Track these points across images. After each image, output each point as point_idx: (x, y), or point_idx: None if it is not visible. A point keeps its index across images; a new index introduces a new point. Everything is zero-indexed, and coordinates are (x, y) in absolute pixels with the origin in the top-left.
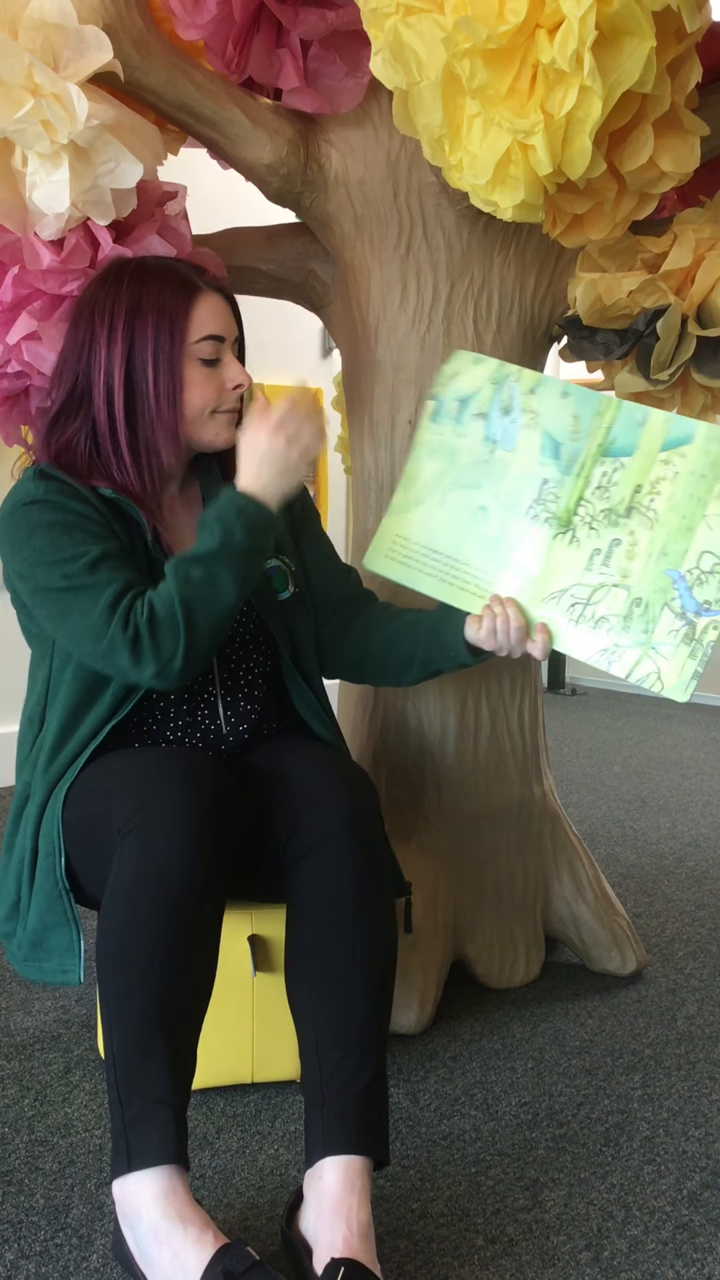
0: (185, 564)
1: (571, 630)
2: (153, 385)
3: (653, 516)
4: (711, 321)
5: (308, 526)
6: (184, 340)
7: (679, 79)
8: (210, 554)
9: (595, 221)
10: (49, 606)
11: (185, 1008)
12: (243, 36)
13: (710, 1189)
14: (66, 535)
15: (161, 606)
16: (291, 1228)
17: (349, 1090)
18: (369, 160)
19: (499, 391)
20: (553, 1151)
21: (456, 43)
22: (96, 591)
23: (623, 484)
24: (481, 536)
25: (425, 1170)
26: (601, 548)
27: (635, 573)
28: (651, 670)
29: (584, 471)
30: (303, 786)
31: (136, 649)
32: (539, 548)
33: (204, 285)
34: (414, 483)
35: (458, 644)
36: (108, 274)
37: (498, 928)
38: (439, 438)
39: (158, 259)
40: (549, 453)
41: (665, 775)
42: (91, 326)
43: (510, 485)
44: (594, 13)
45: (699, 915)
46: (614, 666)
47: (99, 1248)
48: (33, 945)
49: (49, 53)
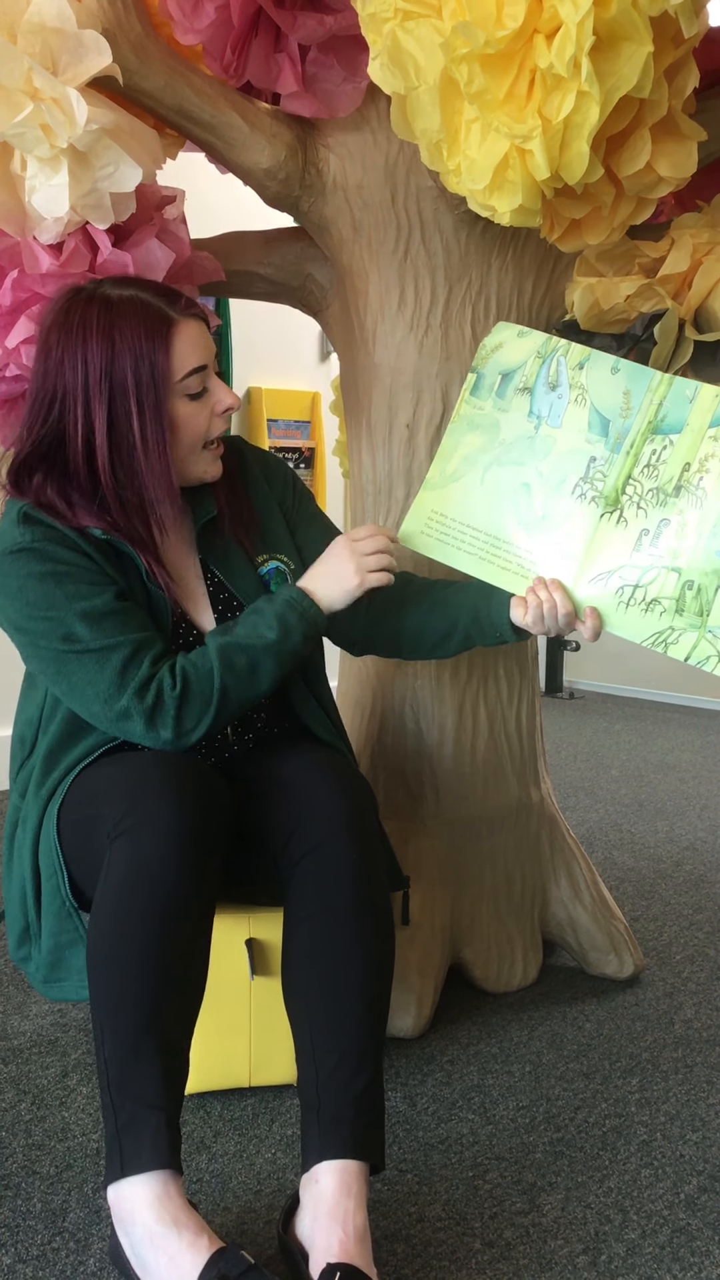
0: (232, 649)
1: (622, 613)
2: (140, 437)
3: (701, 495)
4: (709, 325)
5: (301, 512)
6: (168, 383)
7: (676, 84)
8: (263, 647)
9: (593, 226)
10: (48, 667)
11: (176, 1012)
12: (241, 41)
13: (708, 1193)
14: (59, 588)
15: (197, 683)
16: (288, 1232)
17: (345, 1094)
18: (367, 164)
19: (545, 366)
20: (550, 1155)
21: (454, 48)
22: (104, 656)
23: (671, 462)
24: (524, 515)
25: (423, 1174)
26: (650, 528)
27: (685, 554)
28: (711, 653)
29: (634, 449)
30: (299, 790)
31: (155, 717)
32: (585, 528)
33: (178, 315)
34: (451, 457)
35: (503, 625)
36: (69, 316)
37: (495, 931)
38: (479, 412)
39: (121, 289)
40: (597, 429)
41: (663, 779)
42: (62, 377)
43: (556, 462)
44: (591, 18)
45: (696, 919)
46: (671, 650)
47: (96, 1252)
48: (50, 966)
49: (48, 57)
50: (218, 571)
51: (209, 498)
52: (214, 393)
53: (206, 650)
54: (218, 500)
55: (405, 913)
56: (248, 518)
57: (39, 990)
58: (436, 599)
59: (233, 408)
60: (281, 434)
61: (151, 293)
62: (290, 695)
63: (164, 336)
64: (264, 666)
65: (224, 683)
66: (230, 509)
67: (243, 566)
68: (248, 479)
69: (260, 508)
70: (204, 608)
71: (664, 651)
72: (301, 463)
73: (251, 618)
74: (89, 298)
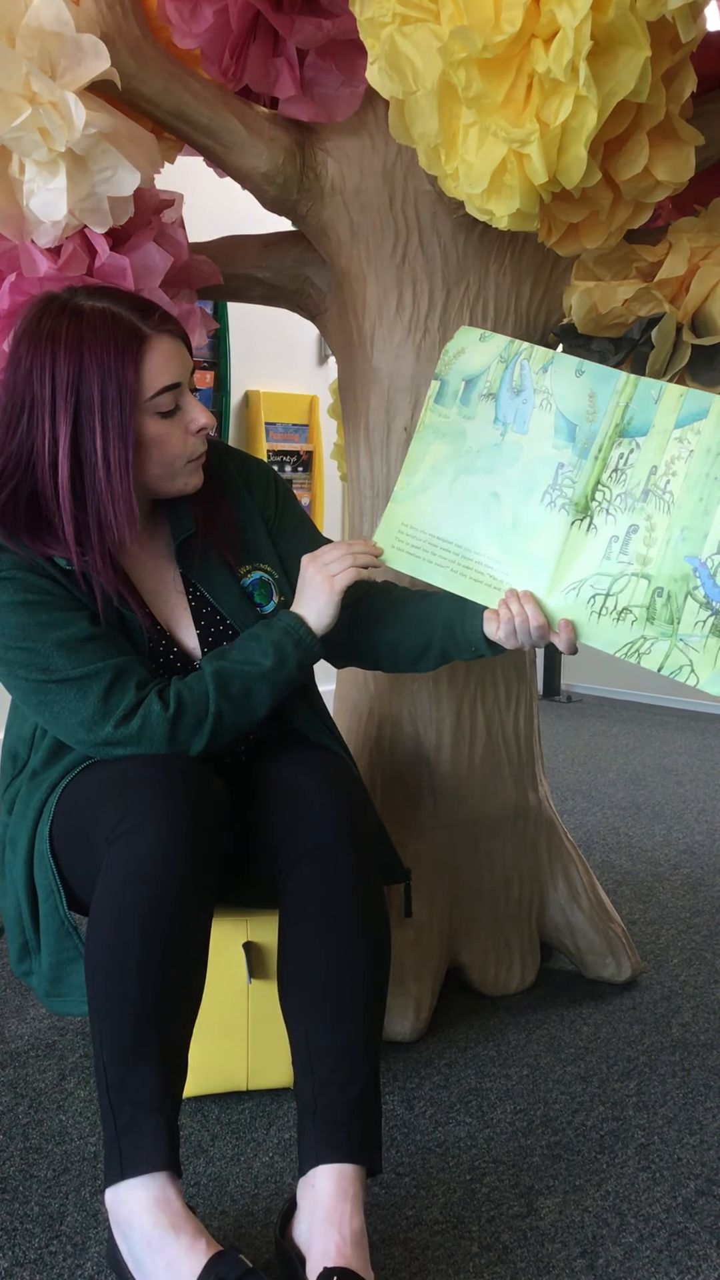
0: (227, 674)
1: (594, 624)
2: (102, 455)
3: (669, 500)
4: (706, 329)
5: (284, 522)
6: (135, 401)
7: (674, 88)
8: (259, 674)
9: (590, 230)
10: (29, 697)
11: (175, 1014)
12: (239, 45)
13: (705, 1196)
14: (33, 617)
15: (192, 706)
16: (285, 1237)
17: (341, 1098)
18: (365, 168)
19: (509, 370)
20: (548, 1159)
21: (452, 52)
22: (84, 685)
23: (639, 466)
24: (493, 524)
25: (420, 1177)
26: (619, 534)
27: (654, 560)
28: (684, 663)
29: (601, 454)
30: (293, 793)
31: (142, 742)
32: (556, 536)
33: (151, 330)
34: (418, 468)
35: (476, 640)
36: (40, 325)
37: (493, 934)
38: (444, 420)
39: (94, 301)
40: (564, 435)
41: (660, 782)
42: (31, 389)
43: (523, 470)
44: (589, 22)
45: (694, 922)
46: (644, 661)
47: (93, 1255)
48: (52, 981)
49: (46, 61)
50: (200, 586)
51: (187, 513)
52: (187, 411)
53: (202, 674)
54: (195, 515)
55: (408, 905)
56: (228, 529)
57: (44, 1003)
58: (414, 612)
59: (206, 427)
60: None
61: (125, 305)
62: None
63: (134, 353)
64: (258, 693)
65: (219, 707)
66: (209, 522)
67: (225, 580)
68: (228, 488)
69: (241, 518)
70: (186, 624)
71: (637, 662)
72: (299, 466)
73: (248, 644)
74: (60, 308)
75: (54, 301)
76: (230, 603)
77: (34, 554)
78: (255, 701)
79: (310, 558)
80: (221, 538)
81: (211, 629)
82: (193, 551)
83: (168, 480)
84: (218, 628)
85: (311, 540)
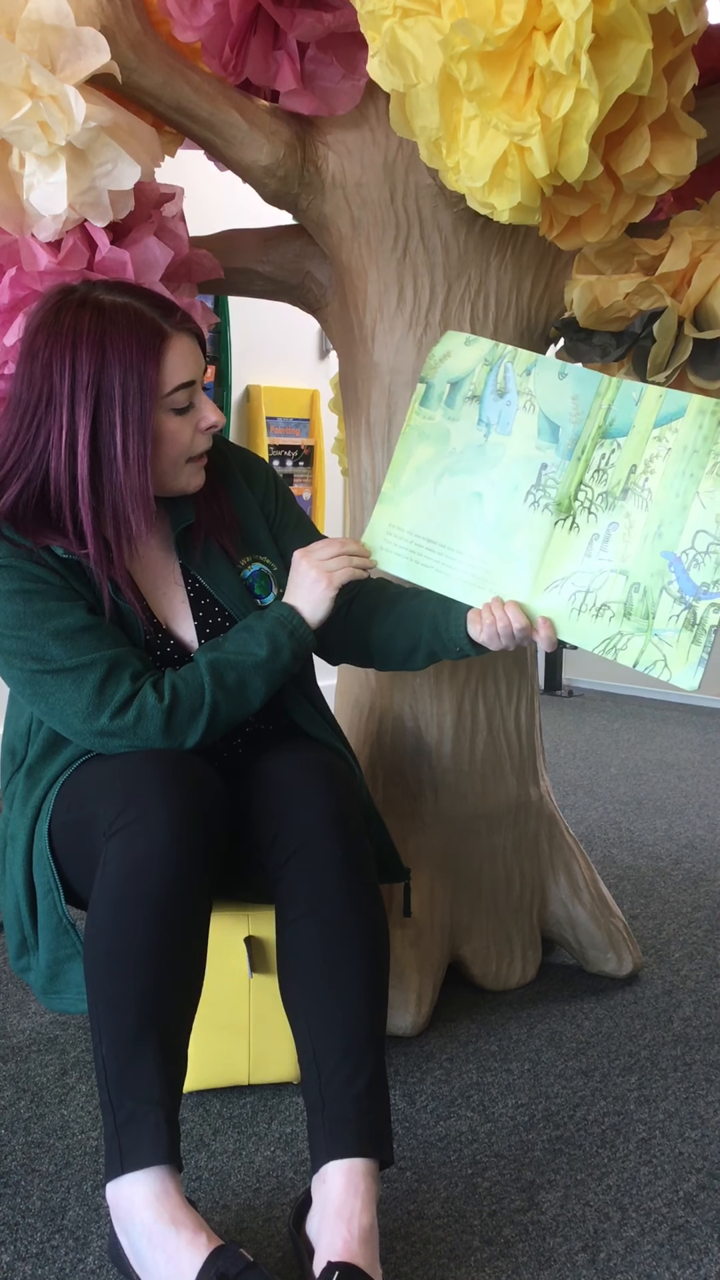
0: (222, 665)
1: (574, 621)
2: (121, 449)
3: (647, 497)
4: (708, 323)
5: (283, 519)
6: (154, 397)
7: (676, 82)
8: (253, 665)
9: (592, 224)
10: (25, 688)
11: (174, 1008)
12: (240, 38)
13: (706, 1190)
14: (29, 606)
15: (187, 698)
16: (299, 1231)
17: (348, 1093)
18: (366, 162)
19: (493, 373)
20: (549, 1153)
21: (453, 45)
22: (80, 675)
23: (619, 465)
24: (478, 524)
25: (422, 1172)
26: (600, 533)
27: (632, 556)
28: (658, 658)
29: (584, 455)
30: (282, 788)
31: (138, 733)
32: (539, 536)
33: (172, 329)
34: (404, 469)
35: (460, 640)
36: (59, 318)
37: (494, 929)
38: (429, 422)
39: (115, 296)
40: (547, 436)
41: (662, 777)
42: (50, 381)
43: (507, 471)
44: (591, 15)
45: (695, 917)
46: (621, 656)
47: (95, 1249)
48: (49, 978)
49: (46, 54)
50: (199, 577)
51: (187, 503)
52: (199, 409)
53: (196, 665)
54: (195, 505)
55: (406, 904)
56: (228, 520)
57: (40, 1000)
58: (404, 610)
59: (216, 425)
60: (280, 432)
61: (146, 302)
62: (280, 694)
63: (156, 350)
64: (253, 684)
65: (214, 698)
66: (209, 512)
67: (225, 570)
68: (228, 480)
69: (240, 509)
70: (183, 616)
71: (614, 658)
72: (300, 461)
73: (241, 634)
74: (80, 301)
75: (72, 295)
76: (230, 594)
77: (33, 543)
78: (250, 692)
79: (303, 552)
80: (221, 528)
81: (210, 619)
82: (193, 542)
83: (171, 477)
84: (216, 619)
85: (311, 539)
